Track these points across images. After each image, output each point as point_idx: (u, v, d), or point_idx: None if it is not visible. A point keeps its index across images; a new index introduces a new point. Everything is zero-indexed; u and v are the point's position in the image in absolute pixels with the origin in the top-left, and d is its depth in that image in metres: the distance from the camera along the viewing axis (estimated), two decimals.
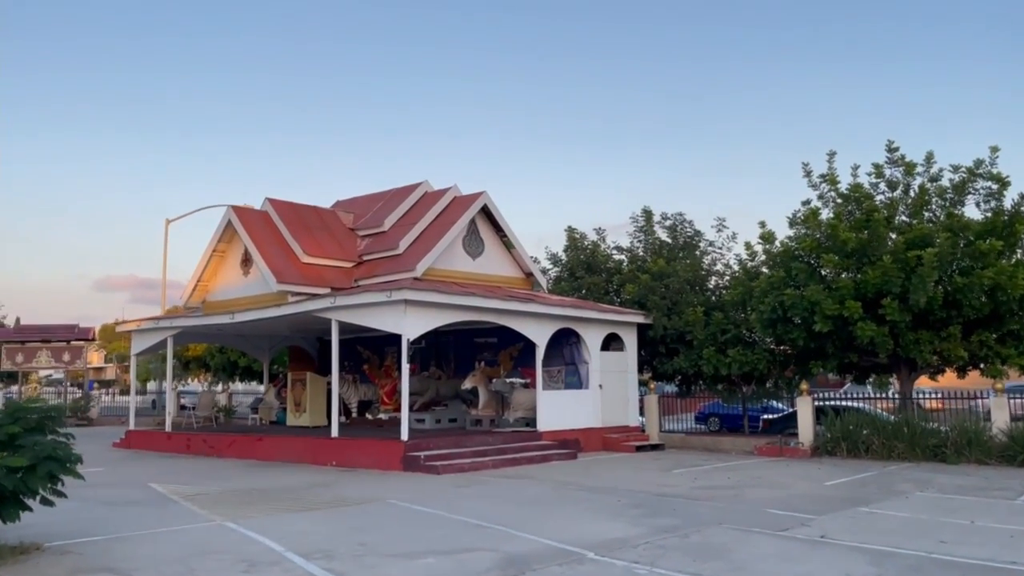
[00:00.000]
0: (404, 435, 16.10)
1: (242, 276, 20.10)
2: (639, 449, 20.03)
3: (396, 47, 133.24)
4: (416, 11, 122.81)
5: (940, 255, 17.25)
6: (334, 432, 17.37)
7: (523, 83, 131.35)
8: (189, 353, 36.16)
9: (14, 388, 42.06)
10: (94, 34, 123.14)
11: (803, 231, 19.68)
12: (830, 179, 20.22)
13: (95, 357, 79.02)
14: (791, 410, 23.46)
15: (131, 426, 23.17)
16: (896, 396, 20.45)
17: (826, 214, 19.87)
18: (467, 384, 20.13)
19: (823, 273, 19.14)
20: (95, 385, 66.68)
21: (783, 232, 31.39)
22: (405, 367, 16.19)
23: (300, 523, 10.13)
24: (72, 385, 70.71)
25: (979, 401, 20.05)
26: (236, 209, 19.93)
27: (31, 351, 38.34)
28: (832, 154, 20.44)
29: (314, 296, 17.91)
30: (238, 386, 40.63)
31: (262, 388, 28.82)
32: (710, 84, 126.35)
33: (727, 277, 23.11)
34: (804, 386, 20.14)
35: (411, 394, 21.97)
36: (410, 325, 16.10)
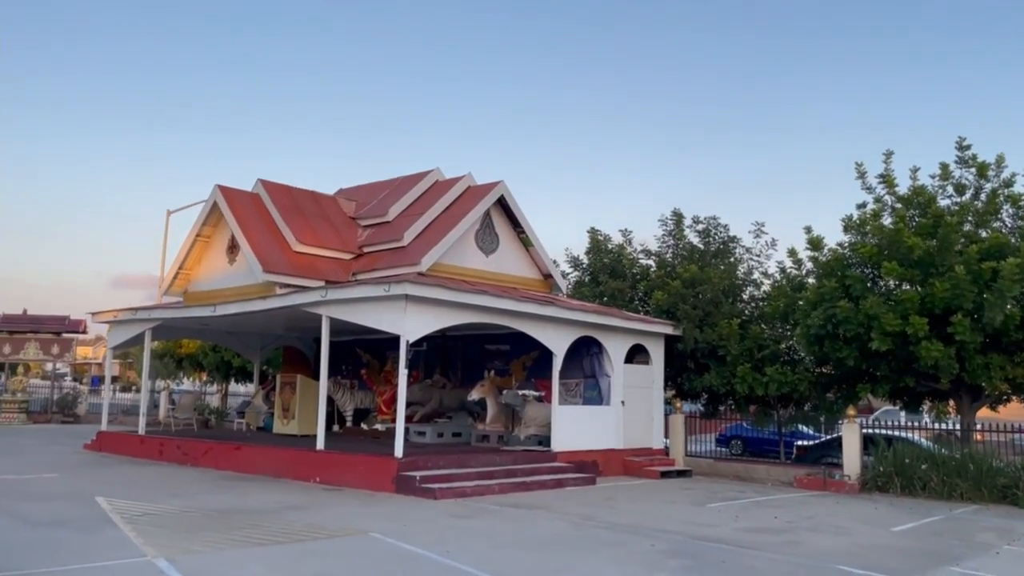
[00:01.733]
0: (398, 451, 13.95)
1: (227, 264, 18.04)
2: (664, 475, 17.80)
3: (414, 47, 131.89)
4: (438, 11, 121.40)
5: (1022, 268, 15.00)
6: (319, 444, 15.24)
7: (545, 86, 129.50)
8: (182, 350, 34.11)
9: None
10: (123, 37, 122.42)
11: (858, 237, 17.46)
12: (887, 181, 18.01)
13: (98, 352, 77.43)
14: (827, 437, 21.28)
15: (103, 427, 21.13)
16: (938, 425, 18.22)
17: (884, 219, 17.67)
18: (474, 395, 18.00)
19: (881, 285, 16.91)
20: (100, 381, 64.81)
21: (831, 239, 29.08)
22: (403, 373, 14.08)
23: (251, 566, 7.99)
24: (75, 380, 69.17)
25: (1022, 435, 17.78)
26: (223, 189, 17.88)
27: (19, 342, 36.53)
28: (889, 154, 18.23)
29: (305, 289, 15.82)
30: (239, 388, 38.49)
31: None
32: (740, 91, 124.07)
33: (765, 287, 20.87)
34: (851, 411, 17.89)
35: (411, 404, 19.87)
36: (411, 325, 13.99)
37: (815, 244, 17.86)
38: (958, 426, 17.77)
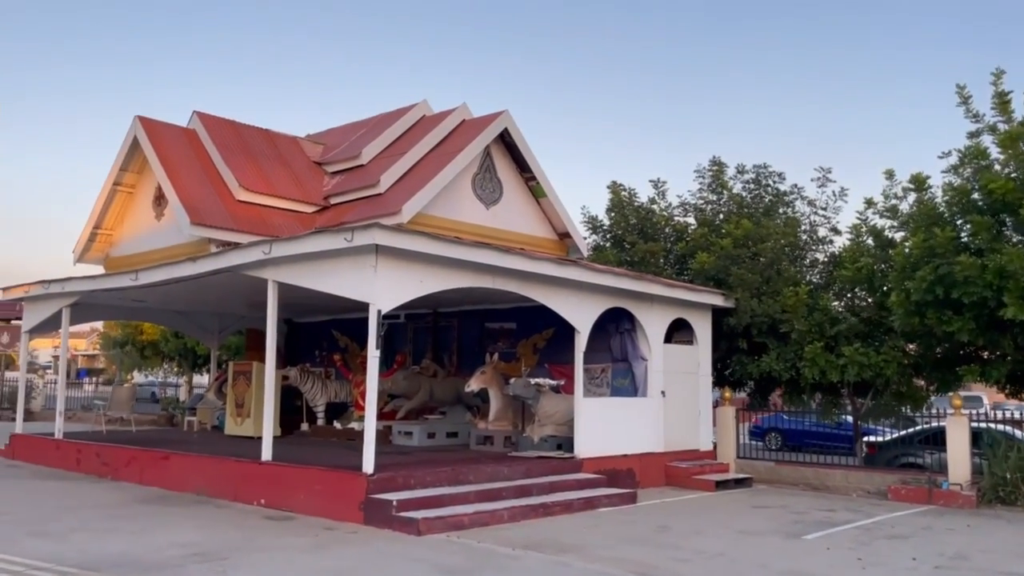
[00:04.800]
0: (367, 464, 9.94)
1: (154, 220, 13.99)
2: (719, 486, 13.82)
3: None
4: None
5: None
6: (265, 453, 11.24)
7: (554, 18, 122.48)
8: (143, 337, 30.15)
9: None
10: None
11: (972, 179, 13.40)
12: (1001, 105, 13.93)
13: (84, 342, 73.41)
14: (899, 432, 17.38)
15: (18, 428, 17.16)
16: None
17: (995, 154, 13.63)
18: (473, 385, 14.02)
19: (1009, 235, 12.91)
20: (87, 374, 60.89)
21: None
22: (373, 354, 10.07)
23: None
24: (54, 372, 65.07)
25: None
26: (145, 121, 13.80)
27: None
28: (999, 74, 14.16)
29: (242, 246, 11.75)
30: (205, 379, 34.38)
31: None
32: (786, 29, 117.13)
33: (835, 247, 16.83)
34: (957, 401, 13.91)
35: (395, 396, 15.89)
36: (384, 289, 9.98)
37: (919, 183, 13.79)
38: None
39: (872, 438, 17.75)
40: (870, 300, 15.28)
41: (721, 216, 17.70)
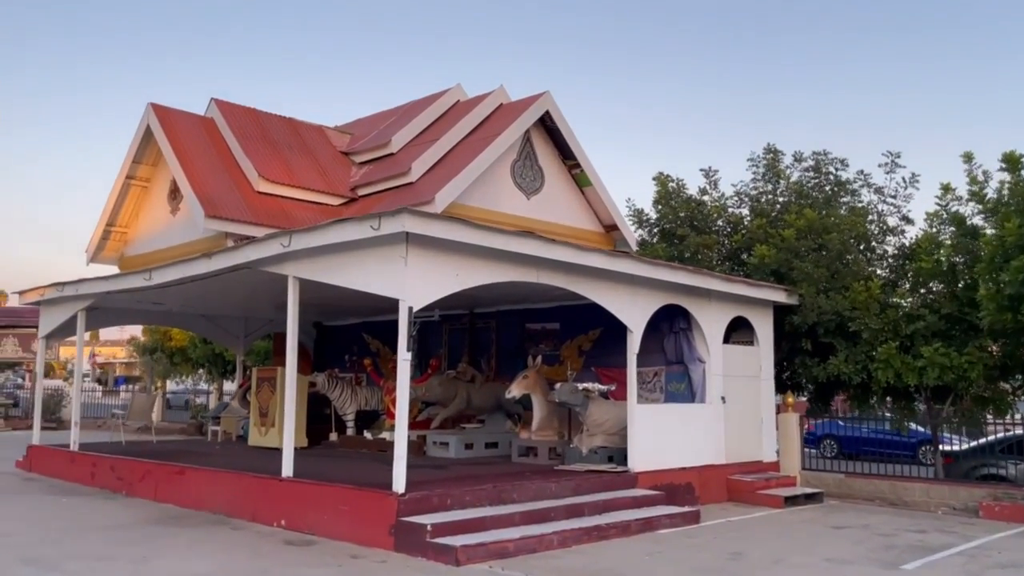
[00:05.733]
0: (398, 482, 8.79)
1: (169, 215, 12.99)
2: (788, 501, 12.47)
3: None
4: None
5: None
6: (286, 468, 10.14)
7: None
8: (172, 343, 29.40)
9: None
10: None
11: None
12: None
13: (120, 351, 73.47)
14: (978, 441, 15.82)
15: (35, 439, 16.30)
16: None
17: None
18: (514, 391, 12.81)
19: None
20: (125, 381, 60.82)
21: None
22: (403, 355, 8.92)
23: None
24: (97, 381, 65.32)
25: None
26: (158, 109, 12.82)
27: None
28: None
29: (258, 239, 10.68)
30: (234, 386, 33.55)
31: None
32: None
33: (909, 236, 15.36)
34: None
35: (429, 404, 14.75)
36: (415, 282, 8.84)
37: (1012, 163, 12.33)
38: None
39: (948, 447, 16.27)
40: (950, 294, 13.82)
41: (778, 206, 16.33)
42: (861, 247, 15.17)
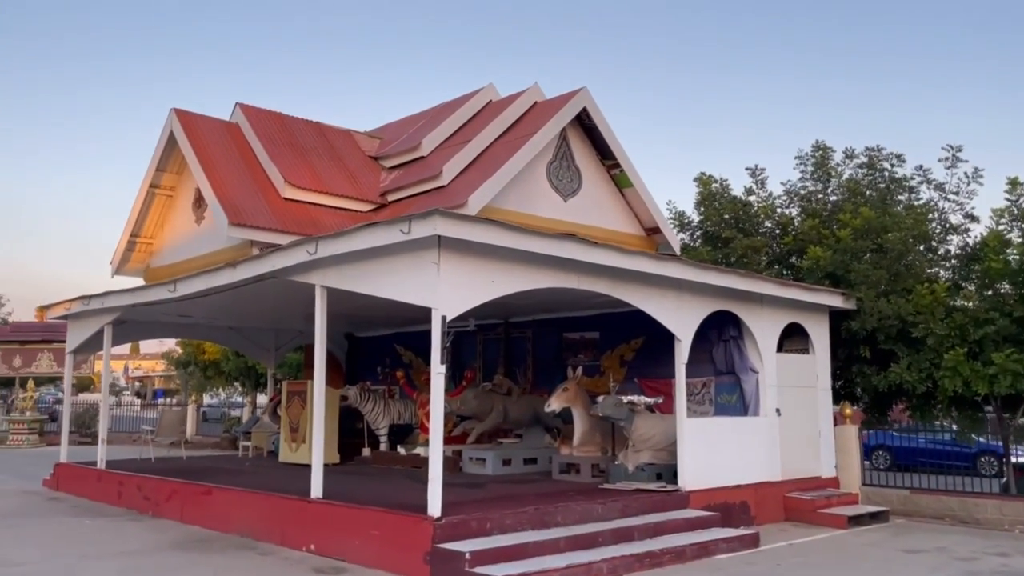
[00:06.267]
0: (434, 504, 8.13)
1: (194, 224, 12.53)
2: (852, 521, 11.59)
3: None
4: None
5: None
6: (315, 489, 9.54)
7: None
8: (205, 357, 29.14)
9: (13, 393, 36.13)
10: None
11: None
12: None
13: (159, 365, 73.91)
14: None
15: (63, 457, 15.94)
16: None
17: None
18: (554, 404, 12.11)
19: None
20: (164, 395, 61.07)
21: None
22: (437, 367, 8.28)
23: None
24: (137, 394, 65.71)
25: None
26: (182, 115, 12.38)
27: (31, 353, 32.30)
28: None
29: (282, 248, 10.12)
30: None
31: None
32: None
33: (974, 235, 14.39)
34: None
35: (464, 418, 14.11)
36: (448, 290, 8.20)
37: None
38: None
39: (1020, 458, 15.23)
40: (1021, 296, 12.85)
41: (830, 206, 15.47)
42: (922, 247, 14.26)
